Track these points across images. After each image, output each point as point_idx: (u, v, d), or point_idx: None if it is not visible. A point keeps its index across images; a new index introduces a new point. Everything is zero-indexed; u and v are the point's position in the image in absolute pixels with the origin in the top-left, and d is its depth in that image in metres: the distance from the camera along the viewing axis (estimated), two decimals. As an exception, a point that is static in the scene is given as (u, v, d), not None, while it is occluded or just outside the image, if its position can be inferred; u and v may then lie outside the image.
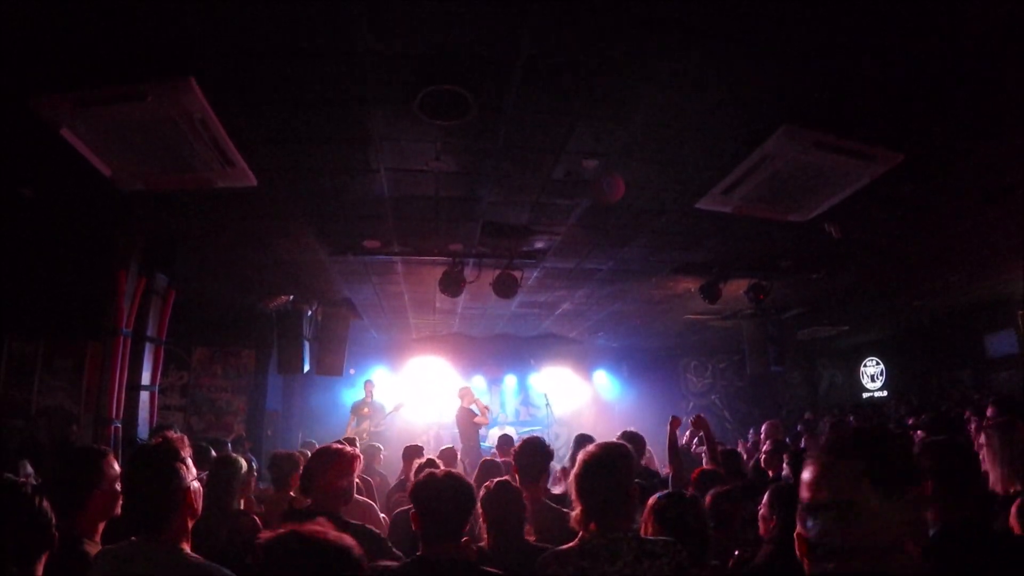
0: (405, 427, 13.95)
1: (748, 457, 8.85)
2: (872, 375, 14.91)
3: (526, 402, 15.78)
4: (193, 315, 9.70)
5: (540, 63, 3.65)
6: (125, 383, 6.35)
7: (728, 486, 4.13)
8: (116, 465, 2.79)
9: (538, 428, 13.97)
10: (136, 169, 4.59)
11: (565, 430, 14.42)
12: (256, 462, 5.75)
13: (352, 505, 4.05)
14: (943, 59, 3.68)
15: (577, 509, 2.63)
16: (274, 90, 3.92)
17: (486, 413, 11.82)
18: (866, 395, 14.84)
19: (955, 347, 12.34)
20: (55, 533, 1.95)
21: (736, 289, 8.62)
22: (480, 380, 15.33)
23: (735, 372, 16.03)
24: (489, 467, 5.42)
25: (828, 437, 1.55)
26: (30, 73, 3.57)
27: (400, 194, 5.62)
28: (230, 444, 7.84)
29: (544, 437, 5.02)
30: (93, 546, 2.54)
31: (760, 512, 3.33)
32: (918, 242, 7.34)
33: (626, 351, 15.63)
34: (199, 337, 11.12)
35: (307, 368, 9.92)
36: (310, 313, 9.92)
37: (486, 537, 3.40)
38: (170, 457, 2.30)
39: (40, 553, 1.91)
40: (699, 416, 6.21)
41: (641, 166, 5.06)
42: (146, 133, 4.06)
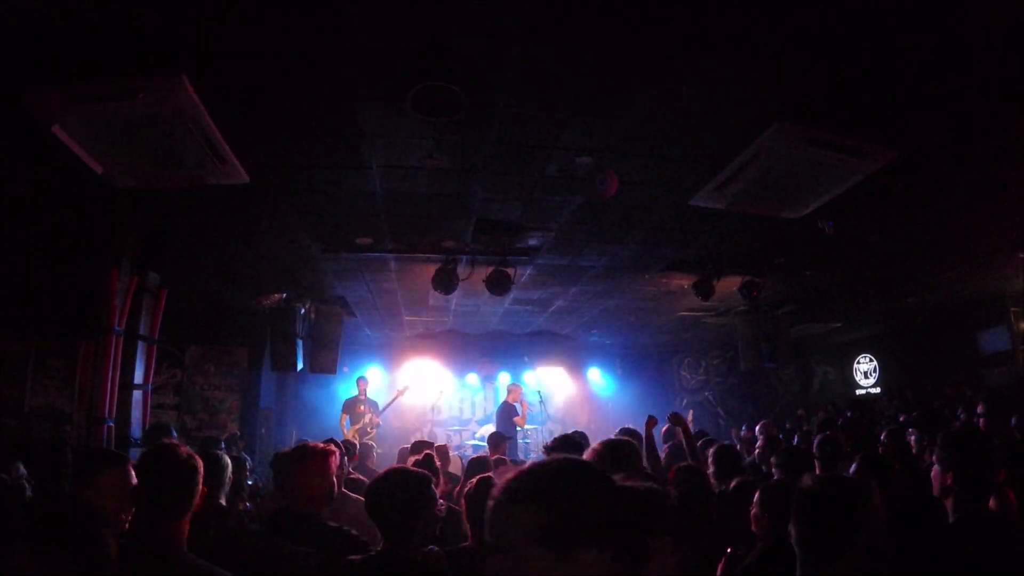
0: (400, 425, 13.97)
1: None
2: (865, 372, 14.98)
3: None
4: (186, 313, 9.68)
5: (532, 59, 3.64)
6: (118, 382, 6.33)
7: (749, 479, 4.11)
8: None
9: (532, 426, 13.97)
10: (128, 166, 4.56)
11: (559, 427, 14.43)
12: (250, 460, 5.75)
13: (349, 504, 4.02)
14: (937, 56, 3.68)
15: None
16: (266, 87, 3.90)
17: (525, 414, 12.77)
18: (859, 392, 14.90)
19: (948, 344, 12.41)
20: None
21: (729, 286, 8.64)
22: (474, 377, 15.34)
23: (728, 368, 16.09)
24: (476, 464, 5.41)
25: (508, 479, 1.39)
26: (22, 70, 3.55)
27: (393, 191, 5.61)
28: (224, 443, 7.82)
29: (539, 436, 5.03)
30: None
31: (752, 511, 3.33)
32: (911, 239, 7.37)
33: (620, 348, 15.66)
34: (192, 335, 11.07)
35: (300, 366, 9.90)
36: (303, 311, 9.89)
37: (470, 536, 3.33)
38: (194, 462, 2.32)
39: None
40: (674, 413, 6.22)
41: (635, 163, 5.06)
42: (138, 130, 4.04)
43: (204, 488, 2.45)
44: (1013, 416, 6.69)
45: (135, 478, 2.60)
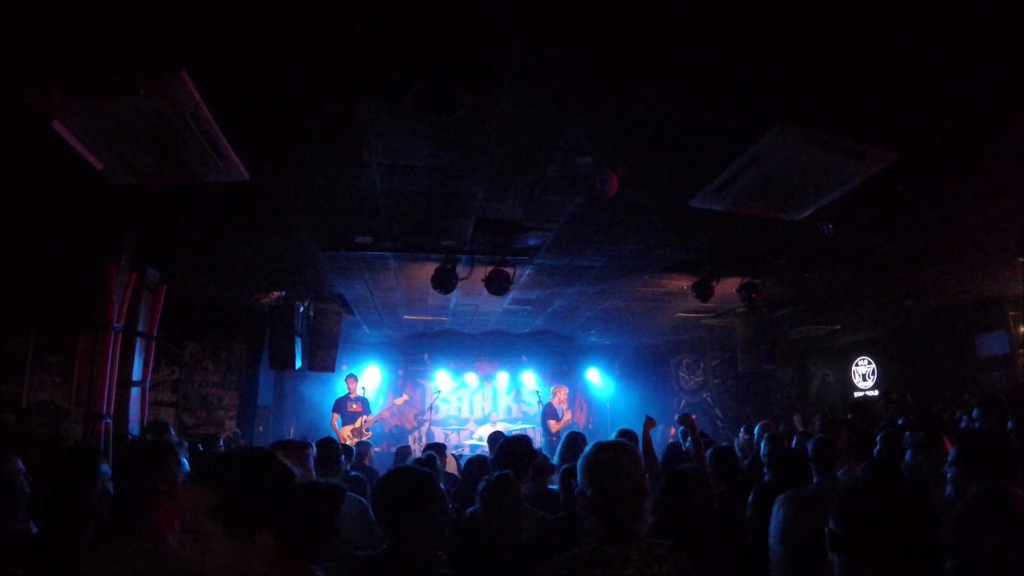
0: (397, 423, 13.96)
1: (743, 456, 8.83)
2: (863, 374, 14.97)
3: (518, 399, 15.79)
4: (185, 310, 9.68)
5: (533, 59, 3.64)
6: (116, 379, 6.32)
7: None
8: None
9: (531, 426, 13.98)
10: (128, 162, 4.56)
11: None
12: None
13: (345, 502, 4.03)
14: (938, 57, 3.68)
15: (590, 512, 2.51)
16: (267, 84, 3.89)
17: (566, 418, 13.07)
18: (857, 394, 14.91)
19: (946, 347, 12.41)
20: None
21: (729, 287, 8.64)
22: (472, 377, 15.34)
23: (727, 370, 16.07)
24: (475, 464, 5.42)
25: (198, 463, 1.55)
26: (23, 65, 3.55)
27: (393, 189, 5.60)
28: (223, 441, 7.80)
29: (537, 435, 5.03)
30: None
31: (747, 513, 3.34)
32: (911, 242, 7.37)
33: (618, 348, 15.67)
34: (191, 332, 11.06)
35: (299, 364, 9.89)
36: (302, 309, 9.89)
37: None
38: (153, 453, 2.30)
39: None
40: (685, 415, 6.20)
41: (634, 163, 5.06)
42: (138, 126, 4.03)
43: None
44: (1009, 420, 6.67)
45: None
